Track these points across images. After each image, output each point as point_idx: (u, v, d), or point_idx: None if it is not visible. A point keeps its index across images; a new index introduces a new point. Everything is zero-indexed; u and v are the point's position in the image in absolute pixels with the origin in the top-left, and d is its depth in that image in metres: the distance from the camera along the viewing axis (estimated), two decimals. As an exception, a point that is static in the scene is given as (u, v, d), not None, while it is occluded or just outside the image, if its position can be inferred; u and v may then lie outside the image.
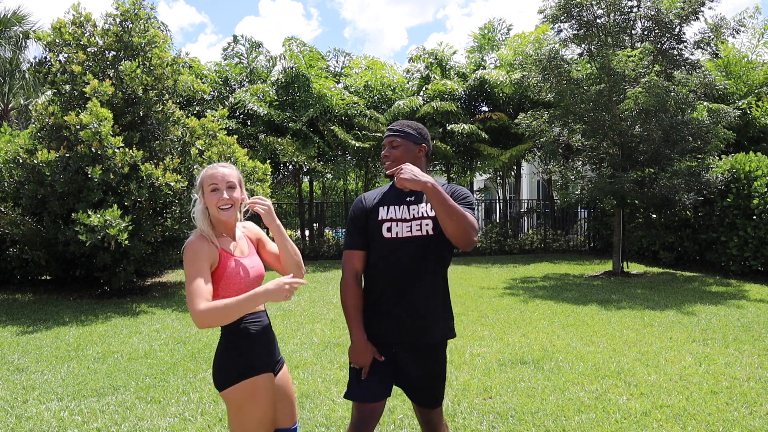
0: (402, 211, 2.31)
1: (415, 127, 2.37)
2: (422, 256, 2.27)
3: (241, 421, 2.07)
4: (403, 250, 2.27)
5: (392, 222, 2.30)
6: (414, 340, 2.29)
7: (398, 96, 15.93)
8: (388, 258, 2.28)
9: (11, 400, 4.16)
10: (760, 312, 7.11)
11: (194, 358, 5.25)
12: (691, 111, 10.20)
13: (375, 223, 2.32)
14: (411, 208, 2.31)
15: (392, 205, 2.33)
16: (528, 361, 5.02)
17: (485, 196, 24.98)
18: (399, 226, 2.29)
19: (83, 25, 8.92)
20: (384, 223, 2.30)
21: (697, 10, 10.26)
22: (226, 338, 2.14)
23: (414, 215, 2.29)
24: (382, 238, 2.29)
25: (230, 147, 9.01)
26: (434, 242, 2.28)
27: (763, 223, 9.62)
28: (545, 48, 10.67)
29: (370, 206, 2.36)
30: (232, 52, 16.13)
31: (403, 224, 2.29)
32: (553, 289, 9.31)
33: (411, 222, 2.28)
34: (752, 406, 3.89)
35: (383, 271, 2.30)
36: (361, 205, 2.38)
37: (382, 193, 2.41)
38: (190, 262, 2.04)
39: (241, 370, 2.08)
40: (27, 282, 10.15)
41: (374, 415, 2.29)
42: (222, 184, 2.14)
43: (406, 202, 2.33)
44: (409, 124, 2.37)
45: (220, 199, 2.13)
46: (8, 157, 8.35)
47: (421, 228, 2.27)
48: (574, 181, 11.47)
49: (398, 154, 2.31)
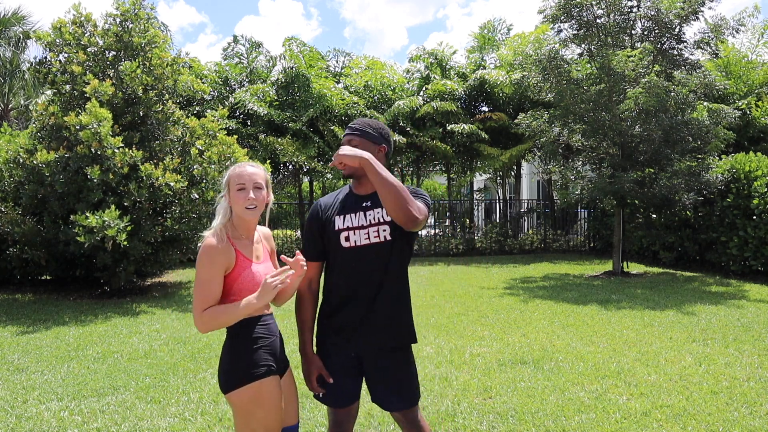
0: (359, 218, 2.26)
1: (375, 126, 2.31)
2: (383, 262, 2.24)
3: (247, 424, 2.06)
4: (364, 259, 2.24)
5: (350, 231, 2.25)
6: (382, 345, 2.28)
7: (398, 96, 15.93)
8: (349, 267, 2.25)
9: (11, 400, 4.16)
10: (760, 312, 7.11)
11: (194, 358, 5.25)
12: (691, 111, 10.20)
13: (332, 232, 2.27)
14: (367, 214, 2.26)
15: (348, 213, 2.28)
16: (528, 361, 5.02)
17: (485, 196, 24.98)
18: (357, 234, 2.25)
19: (83, 25, 8.92)
20: (341, 233, 2.26)
21: (697, 10, 10.25)
22: (230, 341, 2.13)
23: (371, 221, 2.25)
24: (341, 248, 2.25)
25: (230, 147, 9.01)
26: (393, 247, 2.24)
27: (763, 223, 9.62)
28: (545, 48, 10.67)
29: (326, 215, 2.31)
30: (232, 52, 16.14)
31: (361, 231, 2.25)
32: (553, 289, 9.31)
33: (368, 228, 2.24)
34: (752, 406, 3.89)
35: (345, 280, 2.27)
36: (318, 213, 2.34)
37: (339, 199, 2.35)
38: (205, 267, 2.03)
39: (245, 373, 2.06)
40: (27, 282, 10.15)
41: (350, 416, 2.32)
42: (249, 183, 2.13)
43: (362, 207, 2.28)
44: (369, 123, 2.32)
45: (247, 199, 2.11)
46: (8, 157, 8.35)
47: (378, 234, 2.23)
48: (574, 181, 11.46)
49: None
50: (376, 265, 2.23)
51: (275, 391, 2.10)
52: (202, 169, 8.60)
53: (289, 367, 2.32)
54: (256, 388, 2.06)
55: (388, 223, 2.24)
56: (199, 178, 8.69)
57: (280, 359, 2.21)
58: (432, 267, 12.66)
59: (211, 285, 2.01)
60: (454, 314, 7.18)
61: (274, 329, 2.22)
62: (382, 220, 2.25)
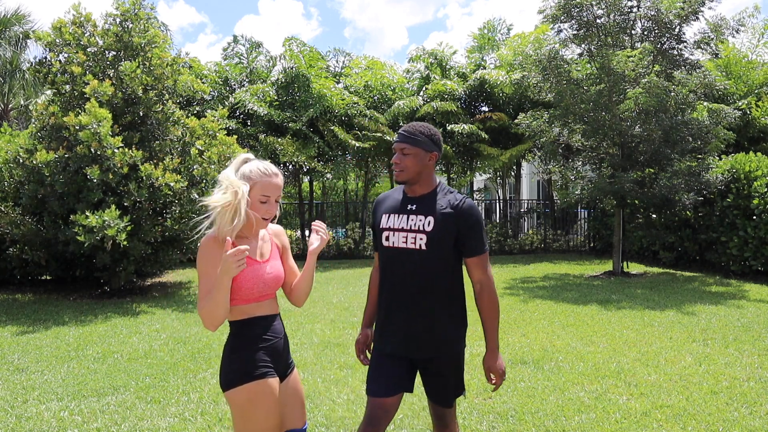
0: (401, 220, 2.28)
1: (428, 132, 2.28)
2: (416, 270, 2.23)
3: (243, 424, 2.05)
4: (398, 261, 2.27)
5: (390, 231, 2.29)
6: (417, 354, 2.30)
7: (398, 96, 15.93)
8: (389, 266, 2.31)
9: (11, 400, 4.16)
10: (760, 312, 7.11)
11: (194, 358, 5.25)
12: (691, 111, 10.19)
13: (378, 229, 2.36)
14: (410, 218, 2.27)
15: (393, 213, 2.31)
16: (528, 361, 5.02)
17: (485, 196, 24.98)
18: (396, 236, 2.27)
19: (83, 25, 8.92)
20: (384, 232, 2.31)
21: (697, 10, 10.25)
22: (231, 339, 2.13)
23: (411, 226, 2.25)
24: (382, 246, 2.32)
25: (230, 147, 9.01)
26: (427, 258, 2.22)
27: (763, 223, 9.62)
28: (545, 48, 10.66)
29: (379, 211, 2.40)
30: (232, 52, 16.14)
31: (399, 234, 2.26)
32: (553, 289, 9.31)
33: (407, 233, 2.25)
34: (752, 406, 3.89)
35: (384, 279, 2.34)
36: (376, 209, 2.44)
37: (393, 197, 2.40)
38: (202, 264, 2.05)
39: (243, 372, 2.06)
40: (27, 282, 10.15)
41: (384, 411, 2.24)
42: (274, 196, 2.11)
43: (407, 210, 2.29)
44: (421, 130, 2.28)
45: (269, 212, 2.11)
46: (8, 157, 8.35)
47: (415, 241, 2.23)
48: (574, 181, 11.46)
49: (409, 162, 2.25)
50: (410, 270, 2.24)
51: (271, 394, 2.08)
52: (202, 169, 8.60)
53: (294, 369, 2.30)
54: (252, 388, 2.04)
55: (426, 233, 2.22)
56: (199, 178, 8.69)
57: (281, 361, 2.19)
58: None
59: (210, 279, 2.01)
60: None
61: (278, 330, 2.19)
62: (422, 228, 2.23)
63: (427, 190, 2.31)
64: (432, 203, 2.27)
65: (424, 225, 2.23)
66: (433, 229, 2.21)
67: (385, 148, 14.73)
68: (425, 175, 2.29)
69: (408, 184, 2.30)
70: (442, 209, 2.24)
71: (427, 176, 2.30)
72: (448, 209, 2.24)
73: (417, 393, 4.19)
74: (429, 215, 2.24)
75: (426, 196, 2.29)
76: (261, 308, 2.13)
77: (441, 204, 2.26)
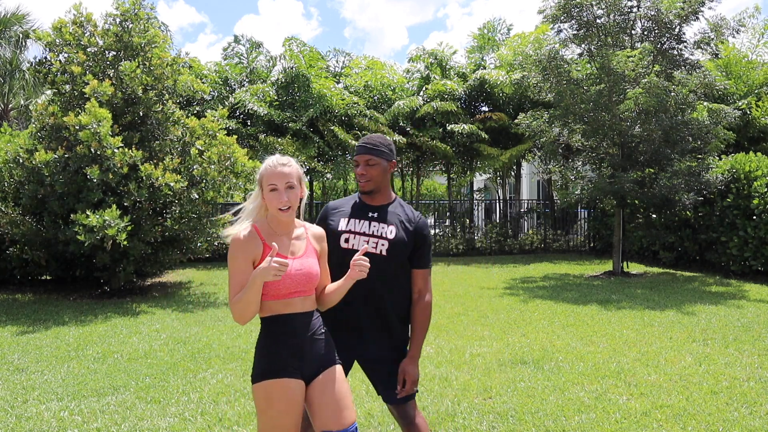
0: (362, 225, 2.43)
1: (386, 144, 2.46)
2: (378, 273, 2.34)
3: (260, 419, 2.11)
4: None
5: (351, 234, 2.42)
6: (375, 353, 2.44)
7: (398, 96, 15.93)
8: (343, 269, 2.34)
9: (11, 400, 4.16)
10: (760, 312, 7.11)
11: (194, 358, 5.25)
12: (691, 111, 10.19)
13: (335, 232, 2.44)
14: (372, 225, 2.43)
15: (354, 218, 2.45)
16: (528, 361, 5.02)
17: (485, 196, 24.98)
18: (356, 239, 2.41)
19: (83, 25, 8.92)
20: (343, 234, 2.43)
21: (697, 10, 10.25)
22: (260, 335, 2.17)
23: (373, 232, 2.41)
24: (340, 248, 2.42)
25: (230, 147, 9.01)
26: (387, 264, 2.39)
27: (763, 223, 9.61)
28: (545, 48, 10.66)
29: (332, 216, 2.50)
30: (232, 52, 16.14)
31: (362, 238, 2.41)
32: (553, 289, 9.31)
33: (369, 238, 2.40)
34: (752, 406, 3.89)
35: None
36: (326, 214, 2.53)
37: (349, 204, 2.52)
38: (231, 259, 2.11)
39: (262, 370, 2.10)
40: (27, 282, 10.15)
41: None
42: (281, 184, 2.12)
43: (368, 217, 2.45)
44: (381, 141, 2.46)
45: (280, 201, 2.12)
46: (8, 157, 8.35)
47: (376, 246, 2.39)
48: (574, 181, 11.46)
49: (374, 172, 2.42)
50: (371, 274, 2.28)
51: (285, 394, 2.06)
52: (202, 169, 8.60)
53: (334, 368, 2.21)
54: (268, 387, 2.07)
55: (389, 241, 2.40)
56: (199, 178, 8.69)
57: (311, 361, 2.15)
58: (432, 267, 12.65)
59: (238, 276, 2.08)
60: (454, 314, 7.18)
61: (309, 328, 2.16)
62: (384, 235, 2.41)
63: (386, 200, 2.50)
64: (392, 213, 2.47)
65: (386, 232, 2.41)
66: (395, 238, 2.41)
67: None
68: (386, 184, 2.49)
69: (372, 193, 2.46)
70: (402, 220, 2.46)
71: (386, 185, 2.50)
72: (407, 222, 2.47)
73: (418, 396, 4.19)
74: (390, 224, 2.43)
75: (386, 206, 2.48)
76: (290, 306, 2.13)
77: (401, 216, 2.48)
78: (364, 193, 2.48)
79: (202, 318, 7.11)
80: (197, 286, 9.99)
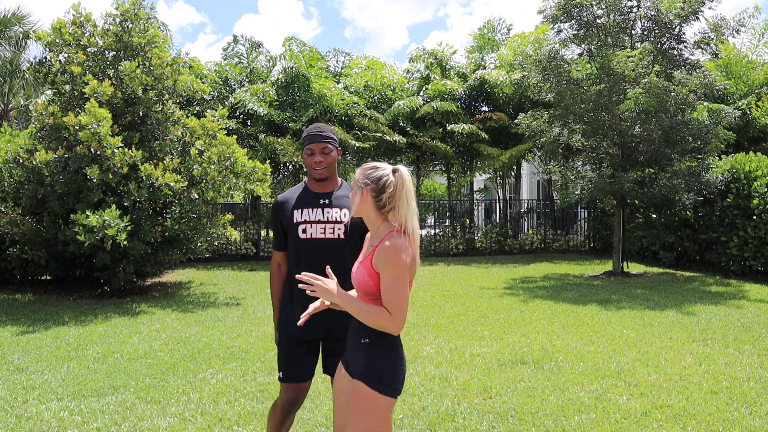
0: (316, 213, 2.56)
1: (334, 132, 2.64)
2: (335, 256, 2.51)
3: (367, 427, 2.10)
4: (319, 250, 2.54)
5: (307, 224, 2.55)
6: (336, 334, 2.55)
7: (398, 96, 15.93)
8: (307, 257, 2.53)
9: (11, 400, 4.16)
10: (760, 312, 7.11)
11: (194, 358, 5.25)
12: (691, 111, 10.18)
13: (291, 225, 2.57)
14: (325, 211, 2.57)
15: (306, 208, 2.58)
16: (528, 361, 5.02)
17: (485, 196, 24.98)
18: (313, 228, 2.55)
19: (83, 25, 8.92)
20: (299, 225, 2.55)
21: (697, 10, 10.24)
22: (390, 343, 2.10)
23: (328, 218, 2.56)
24: (298, 239, 2.55)
25: (230, 147, 9.01)
26: (344, 246, 2.55)
27: (763, 223, 9.61)
28: (545, 48, 10.66)
29: (285, 210, 2.60)
30: (232, 52, 16.14)
31: (317, 226, 2.55)
32: (553, 289, 9.31)
33: (325, 224, 2.55)
34: (752, 406, 3.89)
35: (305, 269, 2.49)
36: (278, 209, 2.63)
37: (297, 195, 2.63)
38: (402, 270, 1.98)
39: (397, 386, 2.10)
40: (27, 282, 10.15)
41: (304, 393, 2.65)
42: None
43: (320, 204, 2.59)
44: (331, 130, 2.61)
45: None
46: (8, 157, 8.35)
47: (333, 231, 2.55)
48: (574, 181, 11.45)
49: (330, 160, 2.57)
50: (331, 258, 2.47)
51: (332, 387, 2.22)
52: (202, 169, 8.60)
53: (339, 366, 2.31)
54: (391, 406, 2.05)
55: (343, 224, 2.56)
56: (199, 178, 8.69)
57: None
58: (432, 267, 12.66)
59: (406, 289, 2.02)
60: (454, 314, 7.18)
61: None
62: (339, 219, 2.56)
63: (335, 185, 2.66)
64: (342, 197, 2.62)
65: (340, 216, 2.56)
66: (349, 220, 2.56)
67: (385, 148, 14.73)
68: (334, 170, 2.65)
69: (326, 180, 2.60)
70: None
71: (335, 171, 2.67)
72: None
73: (417, 393, 4.20)
74: (343, 207, 2.58)
75: (336, 191, 2.63)
76: None
77: (350, 198, 2.51)
78: (318, 180, 2.58)
79: (202, 318, 7.11)
80: (197, 286, 9.99)
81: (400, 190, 2.04)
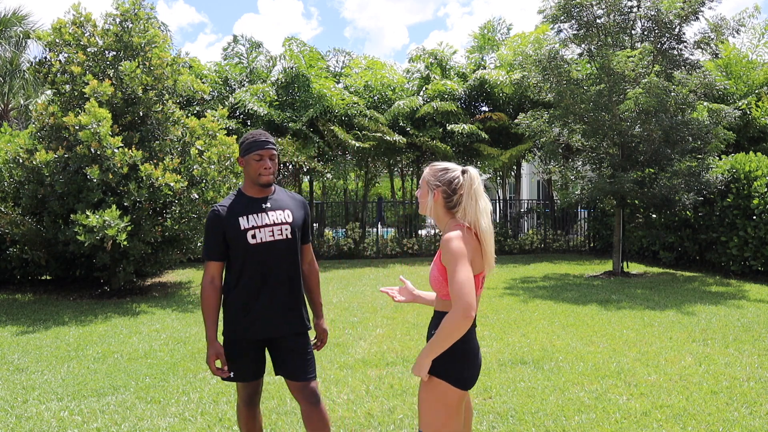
0: (262, 218, 2.59)
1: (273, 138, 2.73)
2: (288, 257, 2.62)
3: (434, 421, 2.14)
4: (270, 253, 2.58)
5: (255, 229, 2.57)
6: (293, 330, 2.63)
7: (398, 96, 15.91)
8: (258, 262, 2.56)
9: (11, 400, 4.16)
10: (760, 312, 7.11)
11: (194, 358, 5.25)
12: (691, 111, 10.18)
13: (238, 232, 2.55)
14: (270, 215, 2.61)
15: (250, 214, 2.59)
16: (528, 361, 5.02)
17: (485, 196, 24.87)
18: (262, 232, 2.57)
19: (83, 25, 8.92)
20: (248, 232, 2.56)
21: (697, 10, 10.24)
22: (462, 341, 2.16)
23: (274, 221, 2.61)
24: (248, 245, 2.55)
25: (230, 147, 9.01)
26: (292, 245, 2.63)
27: (763, 223, 9.61)
28: (545, 48, 10.66)
29: (228, 218, 2.58)
30: (232, 52, 16.12)
31: (265, 229, 2.58)
32: (553, 289, 9.31)
33: (273, 227, 2.59)
34: (752, 406, 3.89)
35: (257, 273, 2.57)
36: (218, 218, 2.59)
37: (236, 202, 2.63)
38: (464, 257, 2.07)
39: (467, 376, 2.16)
40: (27, 282, 10.15)
41: (259, 390, 2.75)
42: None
43: (263, 209, 2.62)
44: (272, 137, 2.76)
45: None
46: (8, 157, 8.35)
47: (282, 232, 2.61)
48: (574, 181, 11.45)
49: (276, 166, 2.66)
50: (281, 259, 2.59)
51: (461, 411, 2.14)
52: (202, 170, 8.60)
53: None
54: (461, 397, 2.10)
55: (289, 224, 2.63)
56: (199, 178, 8.69)
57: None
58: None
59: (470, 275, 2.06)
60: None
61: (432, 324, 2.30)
62: (284, 220, 2.63)
63: (271, 190, 2.71)
64: (282, 199, 2.70)
65: (285, 217, 2.63)
66: (293, 219, 2.65)
67: (385, 148, 14.72)
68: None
69: (270, 185, 2.65)
70: (293, 202, 2.72)
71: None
72: (297, 203, 2.74)
73: (416, 393, 4.19)
74: (285, 209, 2.66)
75: (274, 195, 2.70)
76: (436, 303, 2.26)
77: (288, 199, 2.73)
78: (264, 185, 2.61)
79: (202, 318, 7.10)
80: (197, 286, 9.99)
81: (469, 189, 2.14)
